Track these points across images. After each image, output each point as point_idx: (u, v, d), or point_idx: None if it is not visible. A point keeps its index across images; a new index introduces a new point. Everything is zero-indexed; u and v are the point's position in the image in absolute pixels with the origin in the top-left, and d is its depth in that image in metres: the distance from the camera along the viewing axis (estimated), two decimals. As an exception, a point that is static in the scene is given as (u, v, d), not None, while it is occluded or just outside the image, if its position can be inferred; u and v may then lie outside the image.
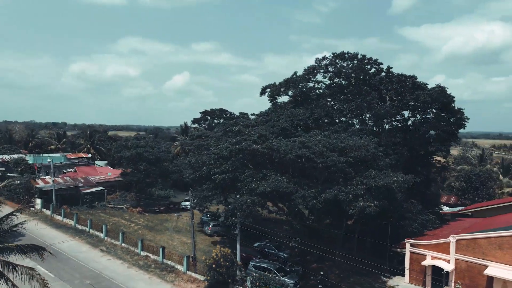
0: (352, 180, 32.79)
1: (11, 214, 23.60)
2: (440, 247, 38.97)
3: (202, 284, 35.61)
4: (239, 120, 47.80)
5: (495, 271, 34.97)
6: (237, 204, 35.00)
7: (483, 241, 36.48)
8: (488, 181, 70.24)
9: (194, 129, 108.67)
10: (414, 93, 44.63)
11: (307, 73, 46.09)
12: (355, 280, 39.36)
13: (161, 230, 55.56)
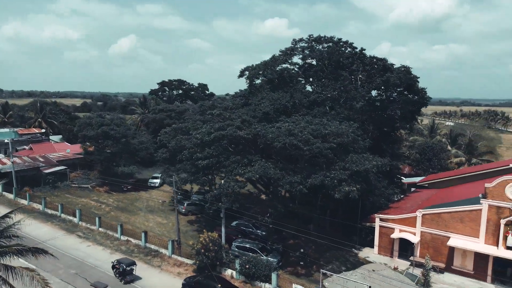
0: (334, 165, 34.41)
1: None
2: (407, 221, 42.20)
3: (190, 267, 36.43)
4: (216, 102, 47.51)
5: (456, 242, 38.68)
6: (222, 189, 35.61)
7: (447, 215, 39.97)
8: (440, 153, 75.58)
9: (153, 102, 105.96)
10: (384, 75, 46.44)
11: (284, 54, 46.36)
12: (331, 255, 41.89)
13: (134, 210, 55.20)
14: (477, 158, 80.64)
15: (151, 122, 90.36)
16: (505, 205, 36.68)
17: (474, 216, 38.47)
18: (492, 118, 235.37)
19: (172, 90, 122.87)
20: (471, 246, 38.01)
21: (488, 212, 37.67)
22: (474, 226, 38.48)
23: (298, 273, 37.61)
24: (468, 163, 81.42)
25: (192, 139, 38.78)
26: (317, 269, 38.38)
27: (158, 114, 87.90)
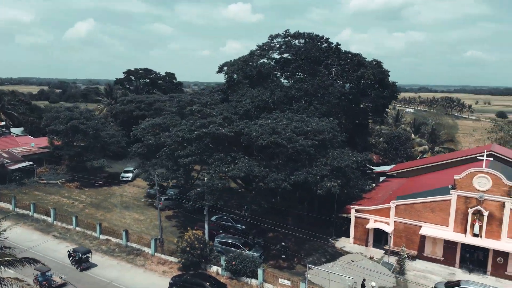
0: (316, 161, 35.32)
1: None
2: (382, 212, 44.10)
3: (174, 265, 36.55)
4: (195, 97, 47.03)
5: (427, 230, 40.93)
6: (206, 188, 35.73)
7: (419, 206, 42.11)
8: (406, 142, 78.63)
9: (121, 92, 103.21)
10: (358, 70, 47.65)
11: (261, 49, 46.47)
12: (310, 246, 43.14)
13: (109, 207, 54.21)
14: (440, 147, 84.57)
15: (119, 113, 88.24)
16: (473, 195, 39.06)
17: (444, 206, 40.75)
18: (449, 105, 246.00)
19: (139, 79, 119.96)
20: (441, 234, 40.36)
21: (457, 202, 40.00)
22: (444, 215, 40.80)
23: (281, 266, 38.59)
24: (431, 151, 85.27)
25: (173, 136, 38.44)
26: (298, 262, 39.62)
27: (127, 106, 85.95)
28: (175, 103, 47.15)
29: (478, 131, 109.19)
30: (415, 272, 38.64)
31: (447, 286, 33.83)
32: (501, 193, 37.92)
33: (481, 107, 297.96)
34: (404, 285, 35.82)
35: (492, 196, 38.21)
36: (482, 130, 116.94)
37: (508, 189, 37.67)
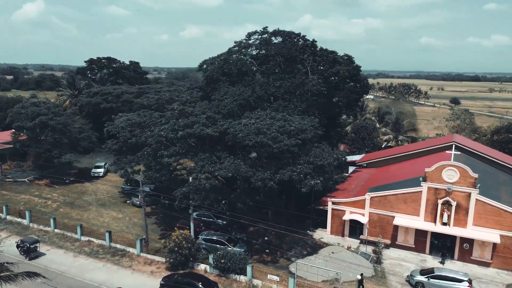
0: (299, 160, 36.46)
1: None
2: (357, 204, 46.16)
3: (162, 265, 36.82)
4: (173, 94, 46.58)
5: (400, 221, 43.43)
6: (192, 187, 36.04)
7: (392, 197, 44.45)
8: (373, 132, 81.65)
9: (84, 83, 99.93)
10: (334, 67, 49.00)
11: (238, 46, 46.51)
12: (290, 239, 44.59)
13: (84, 205, 53.20)
14: (403, 135, 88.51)
15: (85, 106, 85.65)
16: (442, 187, 41.74)
17: (416, 197, 43.28)
18: (406, 92, 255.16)
19: (102, 69, 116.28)
20: (413, 223, 42.95)
21: (428, 193, 42.61)
22: (416, 206, 43.37)
23: (265, 260, 39.80)
24: (395, 140, 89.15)
25: (156, 136, 38.23)
26: (281, 255, 40.98)
27: (93, 98, 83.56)
28: (154, 100, 46.52)
29: (437, 118, 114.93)
30: (390, 261, 41.07)
31: (422, 273, 36.30)
32: (467, 184, 40.75)
33: (435, 93, 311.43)
34: (382, 274, 38.06)
35: (460, 188, 41.01)
36: (440, 118, 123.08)
37: (473, 180, 40.54)
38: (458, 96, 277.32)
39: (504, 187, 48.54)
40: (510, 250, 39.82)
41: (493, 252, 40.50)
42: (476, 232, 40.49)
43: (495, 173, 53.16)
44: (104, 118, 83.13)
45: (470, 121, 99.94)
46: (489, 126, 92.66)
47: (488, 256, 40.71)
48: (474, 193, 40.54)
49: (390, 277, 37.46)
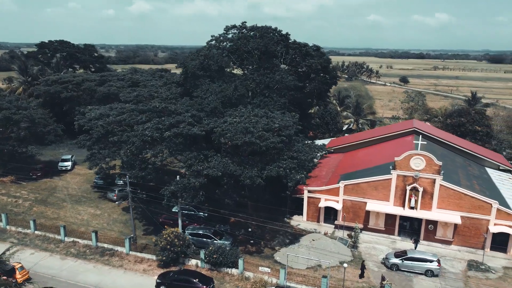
0: (283, 155, 38.07)
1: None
2: (332, 191, 48.84)
3: (153, 263, 37.53)
4: (152, 91, 46.01)
5: (372, 206, 46.68)
6: (181, 186, 36.69)
7: (364, 185, 47.48)
8: (336, 117, 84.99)
9: (37, 69, 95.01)
10: (307, 60, 50.57)
11: (217, 41, 46.54)
12: (270, 228, 46.62)
13: (57, 202, 52.06)
14: (363, 119, 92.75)
15: (42, 95, 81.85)
16: (410, 174, 45.19)
17: (386, 184, 46.54)
18: (359, 71, 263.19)
19: (55, 53, 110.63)
20: (384, 208, 46.34)
21: (397, 180, 45.96)
22: (386, 192, 46.69)
23: (250, 251, 41.60)
24: (356, 123, 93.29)
25: (140, 136, 38.13)
26: (265, 245, 42.96)
27: (52, 86, 79.99)
28: (133, 97, 45.82)
29: (393, 100, 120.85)
30: (365, 244, 44.31)
31: (396, 256, 39.70)
32: (432, 171, 44.42)
33: (385, 71, 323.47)
34: (359, 257, 41.14)
35: (426, 174, 44.63)
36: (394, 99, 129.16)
37: (438, 168, 44.26)
38: (406, 74, 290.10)
39: (461, 170, 53.26)
40: (469, 229, 44.23)
41: (454, 232, 44.81)
42: (440, 215, 44.48)
43: (452, 157, 57.81)
44: (65, 107, 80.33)
45: (422, 103, 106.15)
46: (440, 108, 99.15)
47: (450, 235, 44.99)
48: (439, 179, 44.30)
49: (367, 260, 40.61)
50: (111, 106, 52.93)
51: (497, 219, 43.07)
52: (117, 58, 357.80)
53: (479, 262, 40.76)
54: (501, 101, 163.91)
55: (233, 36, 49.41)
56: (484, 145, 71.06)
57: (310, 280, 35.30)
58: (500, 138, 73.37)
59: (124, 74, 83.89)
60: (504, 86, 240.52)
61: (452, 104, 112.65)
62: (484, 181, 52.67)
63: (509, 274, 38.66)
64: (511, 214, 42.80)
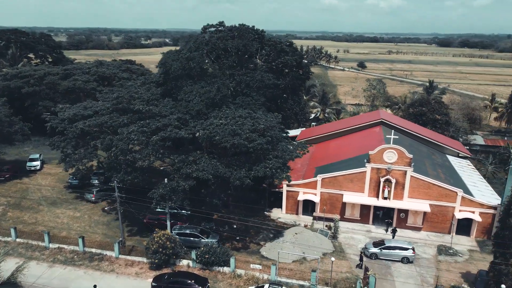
0: (269, 155, 39.32)
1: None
2: (310, 185, 50.91)
3: (144, 265, 37.93)
4: (132, 91, 45.24)
5: (349, 198, 49.23)
6: (169, 189, 37.10)
7: (341, 178, 49.85)
8: (305, 107, 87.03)
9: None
10: (282, 57, 51.68)
11: (194, 41, 46.32)
12: (253, 222, 48.05)
13: (33, 206, 50.72)
14: (329, 108, 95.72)
15: (0, 90, 77.89)
16: (383, 167, 47.94)
17: (361, 177, 49.13)
18: (318, 56, 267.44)
19: (9, 43, 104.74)
20: (359, 200, 49.03)
21: (371, 173, 48.62)
22: (361, 184, 49.32)
23: (236, 247, 42.91)
24: (323, 113, 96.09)
25: (125, 139, 37.88)
26: (250, 240, 44.39)
27: (12, 81, 76.30)
28: (113, 98, 44.89)
29: (355, 88, 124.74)
30: (343, 234, 46.83)
31: (375, 245, 42.45)
32: (404, 164, 47.38)
33: (342, 56, 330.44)
34: (340, 248, 43.61)
35: (398, 167, 47.53)
36: (354, 85, 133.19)
37: (409, 160, 47.24)
38: (362, 59, 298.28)
39: (427, 160, 56.94)
40: (437, 216, 47.85)
41: (424, 219, 48.30)
42: (411, 204, 47.72)
43: (418, 146, 61.47)
44: (26, 103, 77.03)
45: (383, 91, 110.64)
46: (401, 96, 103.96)
47: (419, 222, 48.46)
48: (409, 171, 47.35)
49: (348, 250, 43.19)
50: (85, 106, 51.70)
51: (461, 205, 46.85)
52: (69, 43, 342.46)
53: (447, 247, 44.40)
54: (452, 85, 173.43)
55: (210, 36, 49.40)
56: (443, 132, 75.75)
57: (297, 274, 37.14)
58: (457, 126, 78.39)
59: (89, 67, 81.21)
60: (453, 70, 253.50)
61: (411, 92, 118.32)
62: (447, 169, 56.70)
63: (474, 257, 42.48)
64: (473, 201, 46.73)
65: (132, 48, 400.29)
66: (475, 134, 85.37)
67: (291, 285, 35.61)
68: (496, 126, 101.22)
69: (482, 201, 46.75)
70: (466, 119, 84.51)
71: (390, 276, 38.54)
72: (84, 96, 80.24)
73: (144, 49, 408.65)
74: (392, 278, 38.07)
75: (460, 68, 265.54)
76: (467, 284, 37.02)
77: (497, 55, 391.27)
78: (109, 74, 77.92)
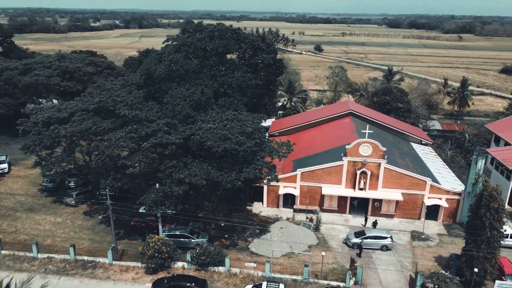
0: (257, 156, 40.55)
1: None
2: (289, 179, 52.87)
3: (139, 270, 38.35)
4: (113, 95, 44.25)
5: (327, 190, 51.74)
6: (162, 194, 37.48)
7: (319, 171, 52.16)
8: (273, 97, 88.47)
9: None
10: (259, 55, 52.57)
11: (177, 45, 45.84)
12: (238, 219, 49.47)
13: (9, 213, 49.10)
14: (296, 97, 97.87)
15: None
16: (359, 160, 50.66)
17: (338, 170, 51.67)
18: (275, 39, 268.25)
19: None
20: (337, 191, 51.69)
21: (348, 166, 51.25)
22: (338, 176, 51.89)
23: (225, 245, 44.20)
24: (290, 102, 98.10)
25: (114, 146, 37.54)
26: (238, 238, 45.83)
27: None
28: (95, 103, 43.73)
29: (318, 76, 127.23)
30: (325, 226, 49.40)
31: (356, 235, 45.29)
32: (378, 156, 50.32)
33: (298, 38, 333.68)
34: (324, 240, 46.13)
35: (372, 159, 50.44)
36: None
37: (383, 153, 50.22)
38: (318, 41, 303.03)
39: (395, 149, 60.47)
40: (408, 203, 51.51)
41: (396, 206, 51.85)
42: (385, 193, 51.01)
43: (385, 136, 64.96)
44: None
45: (346, 78, 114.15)
46: (362, 83, 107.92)
47: (392, 210, 51.98)
48: (383, 163, 50.42)
49: (330, 241, 45.79)
50: (59, 107, 50.15)
51: (430, 193, 50.74)
52: (11, 26, 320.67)
53: (419, 232, 48.18)
54: (405, 68, 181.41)
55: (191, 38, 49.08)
56: (405, 120, 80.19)
57: (288, 268, 39.16)
58: (417, 113, 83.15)
59: (50, 61, 77.64)
60: (404, 52, 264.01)
61: (371, 78, 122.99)
62: (414, 158, 60.63)
63: (443, 241, 46.51)
64: (441, 189, 50.75)
65: (81, 31, 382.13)
66: (432, 119, 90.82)
67: (285, 280, 37.55)
68: (449, 109, 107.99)
69: (448, 188, 50.86)
70: (424, 105, 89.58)
71: (372, 264, 41.54)
72: (47, 92, 77.20)
73: (94, 32, 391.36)
74: (375, 267, 41.08)
75: (411, 50, 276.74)
76: (441, 267, 40.73)
77: (443, 37, 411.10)
78: (72, 69, 75.09)
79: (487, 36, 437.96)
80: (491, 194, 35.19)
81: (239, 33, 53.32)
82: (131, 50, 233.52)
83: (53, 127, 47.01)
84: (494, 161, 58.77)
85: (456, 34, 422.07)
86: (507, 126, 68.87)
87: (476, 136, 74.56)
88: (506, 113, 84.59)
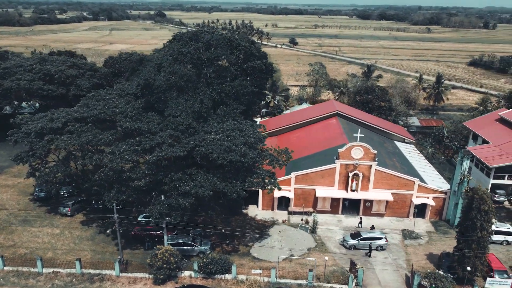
0: (259, 164, 41.56)
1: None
2: (284, 182, 54.18)
3: (148, 281, 38.83)
4: (110, 105, 43.93)
5: (321, 192, 53.48)
6: (167, 206, 37.96)
7: (313, 174, 53.76)
8: (263, 101, 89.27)
9: None
10: (252, 61, 53.34)
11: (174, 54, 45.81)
12: (235, 224, 50.55)
13: (4, 226, 48.32)
14: (279, 95, 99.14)
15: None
16: (351, 163, 52.56)
17: (331, 172, 53.43)
18: (250, 32, 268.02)
19: None
20: (330, 193, 53.51)
21: (340, 168, 53.07)
22: (331, 179, 53.67)
23: (227, 250, 45.22)
24: (273, 100, 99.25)
25: (118, 159, 37.62)
26: (239, 243, 46.90)
27: None
28: (95, 115, 43.28)
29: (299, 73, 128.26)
30: (320, 227, 51.14)
31: (353, 237, 47.24)
32: (369, 159, 52.34)
33: (271, 30, 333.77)
34: (321, 242, 47.84)
35: (364, 162, 52.43)
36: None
37: (374, 155, 52.28)
38: (291, 34, 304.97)
39: (381, 149, 62.74)
40: (397, 203, 53.94)
41: (386, 206, 54.18)
42: (376, 194, 53.20)
43: (370, 135, 67.12)
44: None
45: (325, 74, 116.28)
46: (342, 80, 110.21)
47: (383, 209, 54.30)
48: (374, 165, 52.51)
49: (328, 243, 47.56)
50: (51, 117, 49.39)
51: (418, 192, 53.31)
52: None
53: (410, 231, 50.67)
54: (379, 62, 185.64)
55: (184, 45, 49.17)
56: (387, 118, 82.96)
57: (291, 273, 40.62)
58: (398, 110, 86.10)
59: (31, 64, 75.58)
60: (376, 45, 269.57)
61: (350, 74, 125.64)
62: (400, 157, 63.17)
63: (432, 238, 49.15)
64: (428, 188, 53.41)
65: (48, 23, 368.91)
66: (410, 115, 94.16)
67: (290, 285, 39.03)
68: (425, 104, 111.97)
69: (435, 187, 53.58)
70: (403, 102, 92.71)
71: (370, 265, 43.60)
72: (28, 96, 75.32)
73: (61, 25, 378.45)
74: (372, 267, 43.15)
75: (382, 43, 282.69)
76: (433, 265, 43.24)
77: (412, 28, 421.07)
78: (55, 72, 73.40)
79: (454, 28, 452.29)
80: (482, 197, 37.66)
81: (232, 40, 53.78)
82: (103, 44, 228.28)
83: (48, 137, 46.48)
84: (474, 159, 62.02)
85: (424, 25, 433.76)
86: (483, 124, 72.56)
87: (454, 132, 78.04)
88: (478, 109, 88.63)
